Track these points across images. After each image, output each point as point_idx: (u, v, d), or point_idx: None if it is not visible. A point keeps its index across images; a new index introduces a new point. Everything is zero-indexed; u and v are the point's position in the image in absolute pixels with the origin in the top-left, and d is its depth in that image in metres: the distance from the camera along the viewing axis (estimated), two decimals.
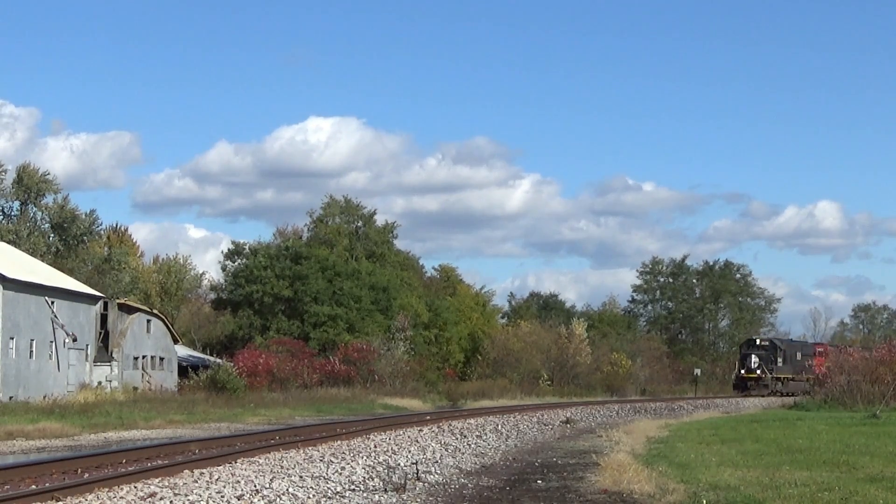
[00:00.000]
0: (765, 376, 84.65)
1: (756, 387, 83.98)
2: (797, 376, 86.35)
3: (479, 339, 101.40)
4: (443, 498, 18.44)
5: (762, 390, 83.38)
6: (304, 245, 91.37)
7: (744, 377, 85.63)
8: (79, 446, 32.33)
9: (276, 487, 18.16)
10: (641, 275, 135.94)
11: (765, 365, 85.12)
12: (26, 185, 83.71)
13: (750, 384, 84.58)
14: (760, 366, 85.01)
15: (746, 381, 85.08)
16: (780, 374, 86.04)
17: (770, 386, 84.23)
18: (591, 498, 18.38)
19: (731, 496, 17.18)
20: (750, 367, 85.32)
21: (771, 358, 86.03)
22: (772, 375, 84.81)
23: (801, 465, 22.08)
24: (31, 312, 60.14)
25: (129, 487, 17.76)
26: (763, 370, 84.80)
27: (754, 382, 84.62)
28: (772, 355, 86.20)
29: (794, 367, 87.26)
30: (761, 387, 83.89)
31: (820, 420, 40.64)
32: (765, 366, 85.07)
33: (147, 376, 69.99)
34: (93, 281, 75.86)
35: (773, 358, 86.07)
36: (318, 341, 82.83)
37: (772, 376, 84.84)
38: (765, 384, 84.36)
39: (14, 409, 46.99)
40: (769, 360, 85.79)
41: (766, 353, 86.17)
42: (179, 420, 44.63)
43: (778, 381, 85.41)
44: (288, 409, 55.08)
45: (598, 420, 45.27)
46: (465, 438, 31.06)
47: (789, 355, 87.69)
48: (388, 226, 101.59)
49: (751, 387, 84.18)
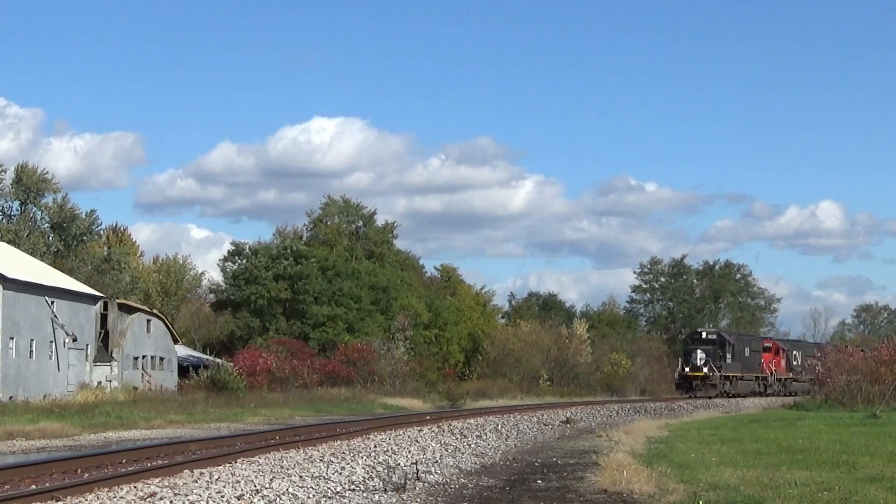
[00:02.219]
0: (712, 375, 74.98)
1: (702, 387, 74.85)
2: (746, 374, 78.96)
3: (480, 339, 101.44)
4: (443, 498, 18.43)
5: (709, 391, 74.52)
6: (305, 245, 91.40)
7: (688, 375, 75.73)
8: (79, 446, 32.33)
9: (276, 487, 18.15)
10: (640, 275, 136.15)
11: (712, 361, 75.19)
12: (26, 184, 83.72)
13: (695, 384, 75.14)
14: (707, 362, 75.02)
15: (691, 381, 75.47)
16: (730, 371, 76.82)
17: (718, 386, 75.11)
18: (591, 498, 18.38)
19: (730, 496, 17.18)
20: (695, 363, 75.31)
21: (719, 353, 75.99)
22: (720, 374, 75.42)
23: (801, 465, 22.07)
24: (31, 312, 60.14)
25: (129, 487, 17.76)
26: (711, 367, 74.95)
27: (700, 382, 75.06)
28: (720, 350, 76.20)
29: (743, 365, 78.64)
30: (708, 387, 74.75)
31: (820, 420, 40.63)
32: (712, 362, 75.14)
33: (147, 376, 69.99)
34: (93, 281, 75.87)
35: (721, 353, 76.13)
36: (318, 341, 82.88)
37: (720, 375, 75.38)
38: (712, 384, 74.98)
39: (14, 409, 46.99)
40: (717, 356, 75.78)
41: (713, 349, 75.95)
42: (179, 420, 44.63)
43: (726, 381, 76.29)
44: (288, 409, 55.08)
45: (597, 420, 45.26)
46: (465, 438, 31.05)
47: (738, 350, 78.39)
48: (387, 226, 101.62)
49: (696, 387, 74.97)
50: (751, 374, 79.39)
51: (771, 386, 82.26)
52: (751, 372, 79.43)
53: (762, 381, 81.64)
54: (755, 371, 79.85)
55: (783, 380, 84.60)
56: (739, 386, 77.45)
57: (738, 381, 77.47)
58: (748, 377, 78.99)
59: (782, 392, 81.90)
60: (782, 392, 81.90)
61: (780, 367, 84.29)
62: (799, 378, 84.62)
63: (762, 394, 79.89)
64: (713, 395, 73.67)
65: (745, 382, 78.43)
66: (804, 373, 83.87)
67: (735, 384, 77.03)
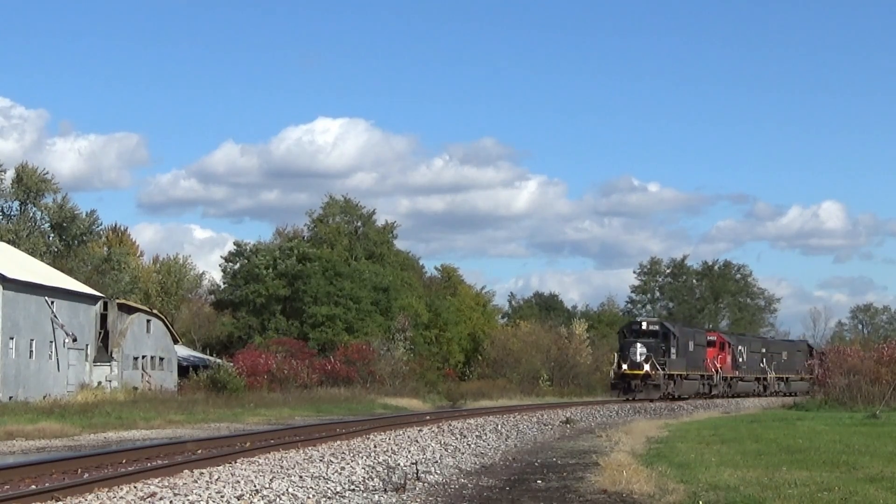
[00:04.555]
0: (655, 373, 62.83)
1: (643, 387, 62.99)
2: (691, 373, 67.34)
3: (480, 340, 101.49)
4: (442, 498, 18.44)
5: (651, 393, 62.80)
6: (307, 245, 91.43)
7: (626, 374, 63.43)
8: (79, 446, 32.34)
9: (276, 487, 18.15)
10: (640, 275, 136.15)
11: (655, 357, 63.17)
12: (26, 185, 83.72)
13: (634, 384, 63.16)
14: (649, 358, 62.88)
15: (629, 380, 63.34)
16: (674, 369, 64.83)
17: (662, 387, 63.30)
18: (591, 498, 18.38)
19: (730, 496, 17.19)
20: (634, 360, 63.23)
21: (662, 348, 64.10)
22: (664, 372, 63.34)
23: (800, 465, 22.08)
24: (31, 312, 60.14)
25: (128, 487, 17.76)
26: (653, 365, 62.87)
27: (640, 382, 63.00)
28: (663, 344, 64.27)
29: (688, 361, 66.89)
30: (650, 388, 62.96)
31: (820, 420, 40.65)
32: (655, 358, 63.10)
33: (147, 376, 69.99)
34: (93, 281, 75.88)
35: (664, 348, 64.25)
36: (317, 341, 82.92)
37: (664, 373, 63.31)
38: (655, 384, 63.01)
39: (14, 409, 47.00)
40: (660, 351, 63.85)
41: (655, 342, 63.93)
42: (179, 420, 44.65)
43: (671, 381, 64.55)
44: (288, 409, 55.11)
45: (597, 420, 45.26)
46: (465, 438, 31.05)
47: (683, 344, 66.28)
48: (388, 226, 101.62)
49: (636, 388, 63.11)
50: (696, 372, 68.15)
51: (716, 386, 71.48)
52: (696, 370, 68.07)
53: (707, 380, 70.56)
54: (700, 369, 68.83)
55: (729, 379, 73.70)
56: (684, 386, 66.24)
57: (682, 381, 65.90)
58: (693, 376, 67.65)
59: (728, 393, 72.85)
60: (728, 393, 72.85)
61: (727, 364, 73.09)
62: (745, 377, 76.38)
63: (706, 395, 69.78)
64: (655, 397, 62.69)
65: (690, 382, 67.27)
66: (749, 371, 77.14)
67: (679, 384, 65.59)
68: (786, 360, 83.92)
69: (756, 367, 78.80)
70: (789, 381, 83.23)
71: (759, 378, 79.18)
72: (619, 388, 64.43)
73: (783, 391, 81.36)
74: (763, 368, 79.87)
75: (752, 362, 78.09)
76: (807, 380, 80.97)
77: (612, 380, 65.72)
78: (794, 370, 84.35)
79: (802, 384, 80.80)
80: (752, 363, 78.04)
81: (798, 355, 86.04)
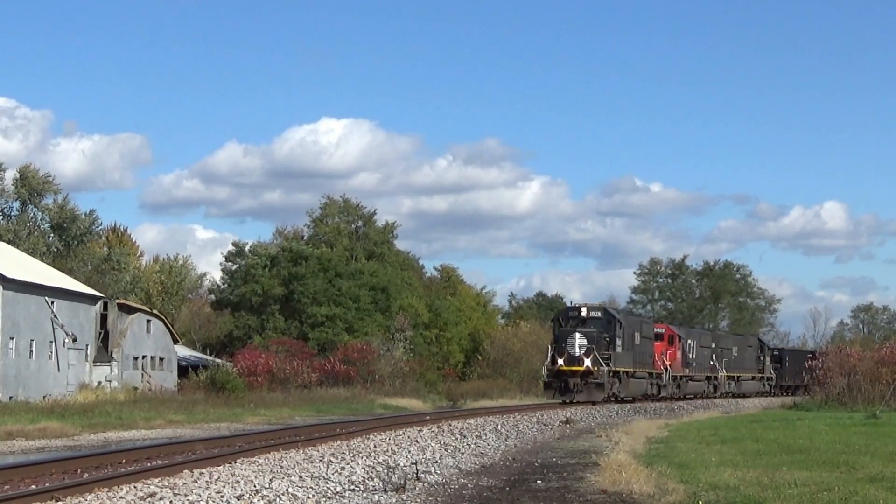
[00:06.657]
0: (597, 370, 52.35)
1: (583, 387, 52.54)
2: (639, 370, 57.50)
3: (480, 340, 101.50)
4: (442, 498, 18.44)
5: (593, 394, 52.56)
6: (306, 244, 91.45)
7: (562, 371, 52.73)
8: (79, 446, 32.35)
9: (276, 487, 18.15)
10: (640, 275, 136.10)
11: (597, 351, 52.71)
12: (29, 185, 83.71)
13: (573, 383, 52.46)
14: (590, 352, 52.43)
15: (566, 378, 52.61)
16: (620, 365, 54.49)
17: (606, 387, 52.94)
18: (591, 498, 18.38)
19: (730, 496, 17.19)
20: (572, 353, 52.61)
21: (606, 339, 53.76)
22: (608, 368, 52.92)
23: (800, 465, 22.07)
24: (31, 312, 60.16)
25: (128, 487, 17.76)
26: (595, 359, 52.47)
27: (580, 380, 52.37)
28: (606, 335, 53.84)
29: (634, 356, 57.05)
30: (591, 388, 52.59)
31: (820, 420, 40.64)
32: (597, 352, 52.66)
33: (147, 376, 70.00)
34: (93, 281, 75.89)
35: (608, 340, 53.91)
36: (317, 341, 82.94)
37: (608, 369, 52.88)
38: (598, 382, 52.49)
39: (14, 409, 47.02)
40: (603, 343, 53.53)
41: (597, 333, 53.28)
42: (179, 420, 44.67)
43: (616, 380, 54.25)
44: (288, 409, 55.12)
45: (597, 420, 45.22)
46: (465, 438, 31.04)
47: (629, 336, 56.08)
48: (388, 226, 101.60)
49: (574, 387, 52.48)
50: (643, 369, 58.30)
51: (665, 387, 61.64)
52: (643, 367, 58.29)
53: (655, 379, 60.67)
54: (647, 366, 58.82)
55: (678, 378, 64.05)
56: (631, 386, 56.39)
57: (629, 380, 55.86)
58: (640, 374, 57.81)
59: (676, 395, 63.88)
60: (676, 395, 63.88)
61: (676, 360, 63.30)
62: (695, 376, 67.04)
63: (654, 397, 60.60)
64: (599, 399, 52.76)
65: (637, 382, 57.32)
66: (700, 369, 67.65)
67: (626, 384, 55.57)
68: (736, 357, 73.85)
69: (706, 364, 68.73)
70: (740, 381, 74.51)
71: (709, 377, 69.35)
72: (554, 389, 53.60)
73: (732, 392, 72.84)
74: (713, 366, 69.78)
75: (701, 359, 67.94)
76: (758, 379, 77.81)
77: (546, 378, 54.47)
78: (745, 368, 75.67)
79: (754, 384, 76.47)
80: (701, 360, 67.96)
81: (749, 351, 77.10)
